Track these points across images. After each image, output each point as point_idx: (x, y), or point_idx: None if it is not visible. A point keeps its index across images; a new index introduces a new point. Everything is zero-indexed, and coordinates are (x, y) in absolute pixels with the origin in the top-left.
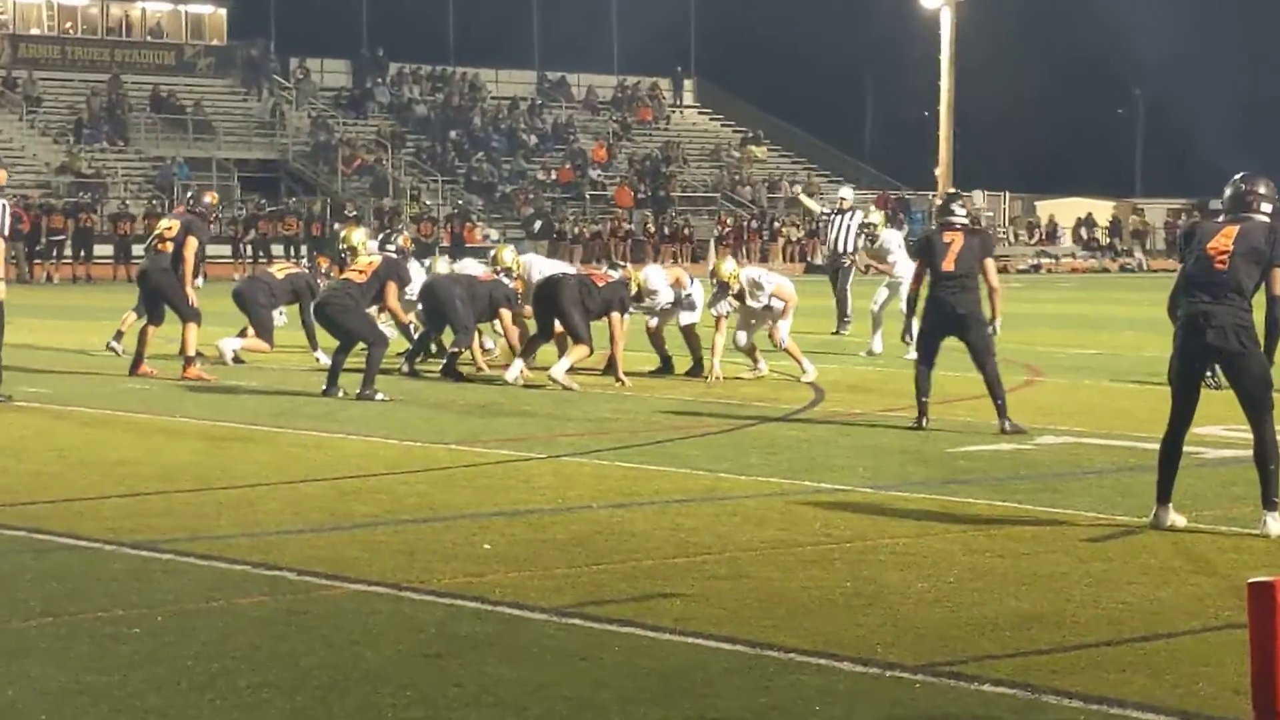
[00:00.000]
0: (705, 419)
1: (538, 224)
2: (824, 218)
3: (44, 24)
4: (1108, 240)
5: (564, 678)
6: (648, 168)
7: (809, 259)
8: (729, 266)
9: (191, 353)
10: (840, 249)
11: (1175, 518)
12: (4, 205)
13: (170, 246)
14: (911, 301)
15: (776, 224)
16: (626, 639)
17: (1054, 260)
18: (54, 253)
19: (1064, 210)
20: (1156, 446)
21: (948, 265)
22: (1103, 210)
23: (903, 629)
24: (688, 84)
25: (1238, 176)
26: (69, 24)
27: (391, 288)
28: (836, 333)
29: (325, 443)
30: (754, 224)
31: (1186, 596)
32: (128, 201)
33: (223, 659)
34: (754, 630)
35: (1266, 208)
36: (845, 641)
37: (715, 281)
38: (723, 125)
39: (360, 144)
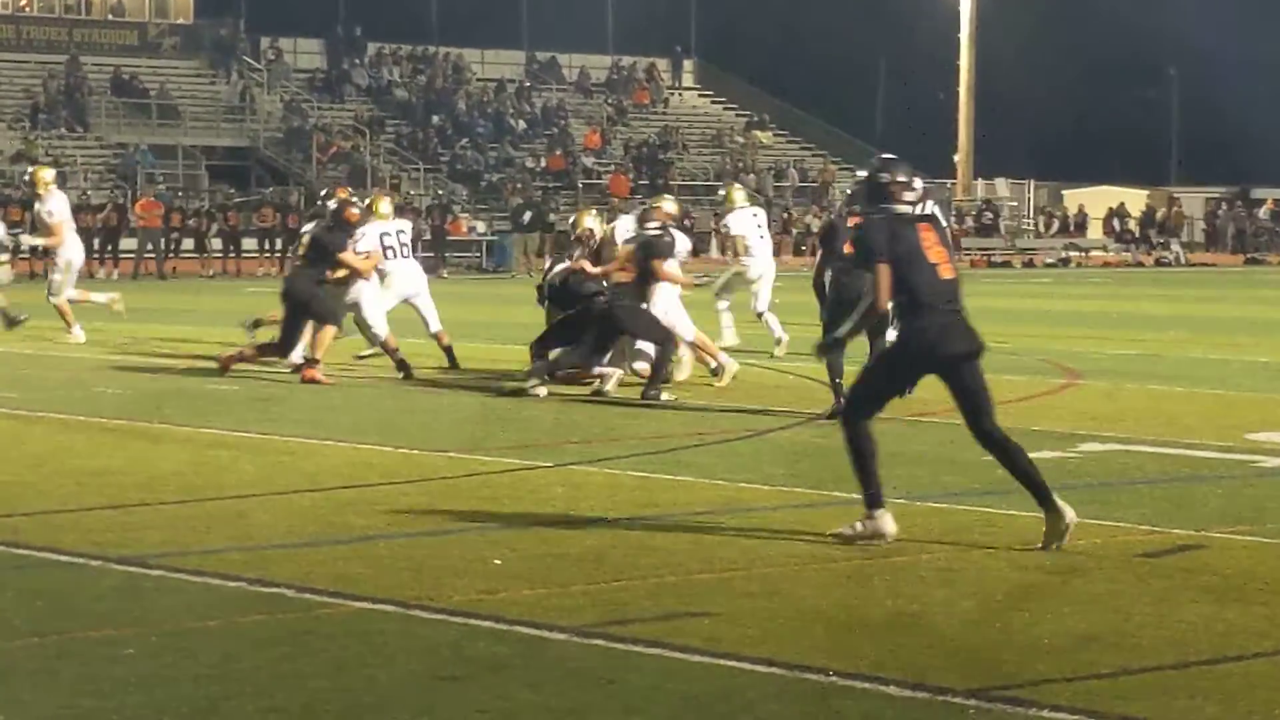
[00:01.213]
0: (721, 425)
1: (527, 215)
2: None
3: None
4: (1141, 232)
5: (592, 702)
6: (644, 154)
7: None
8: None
9: (318, 355)
10: None
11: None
12: None
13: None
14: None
15: (786, 214)
16: (654, 661)
17: (1083, 253)
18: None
19: (1093, 199)
20: (1210, 455)
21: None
22: (1135, 199)
23: (951, 651)
24: (687, 64)
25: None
26: (25, 2)
27: None
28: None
29: (315, 450)
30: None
31: (1256, 616)
32: (89, 192)
33: (225, 682)
34: (791, 652)
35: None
36: (890, 664)
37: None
38: (725, 109)
39: (336, 130)
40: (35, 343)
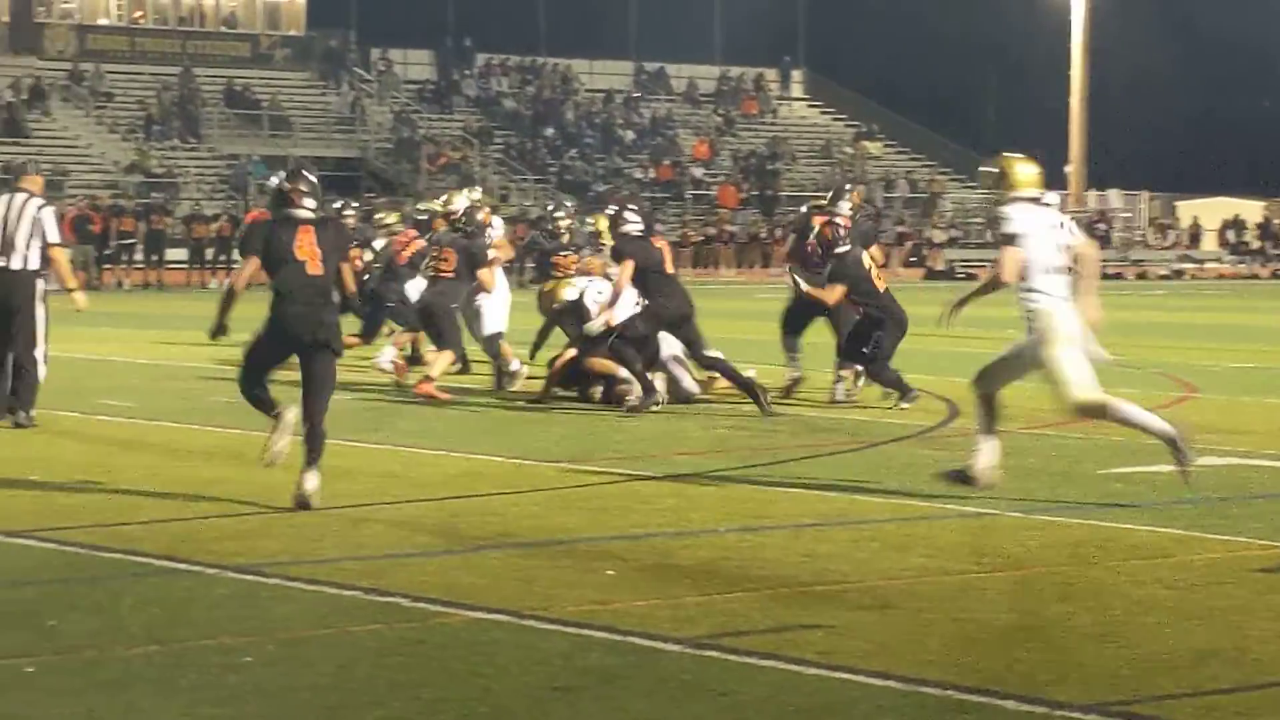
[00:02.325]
0: (833, 436)
1: None
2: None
3: (112, 14)
4: (1259, 244)
5: (705, 714)
6: (753, 165)
7: (930, 265)
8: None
9: (435, 374)
10: None
11: None
12: (51, 210)
13: (450, 272)
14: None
15: (900, 226)
16: (768, 673)
17: (1198, 265)
18: (124, 257)
19: (1208, 211)
20: None
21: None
22: (1252, 211)
23: (1068, 665)
24: (795, 75)
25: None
26: (139, 14)
27: None
28: None
29: (427, 460)
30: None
31: None
32: (201, 202)
33: (341, 691)
34: (906, 665)
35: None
36: (1007, 678)
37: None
38: (834, 119)
39: (445, 140)
40: (148, 351)
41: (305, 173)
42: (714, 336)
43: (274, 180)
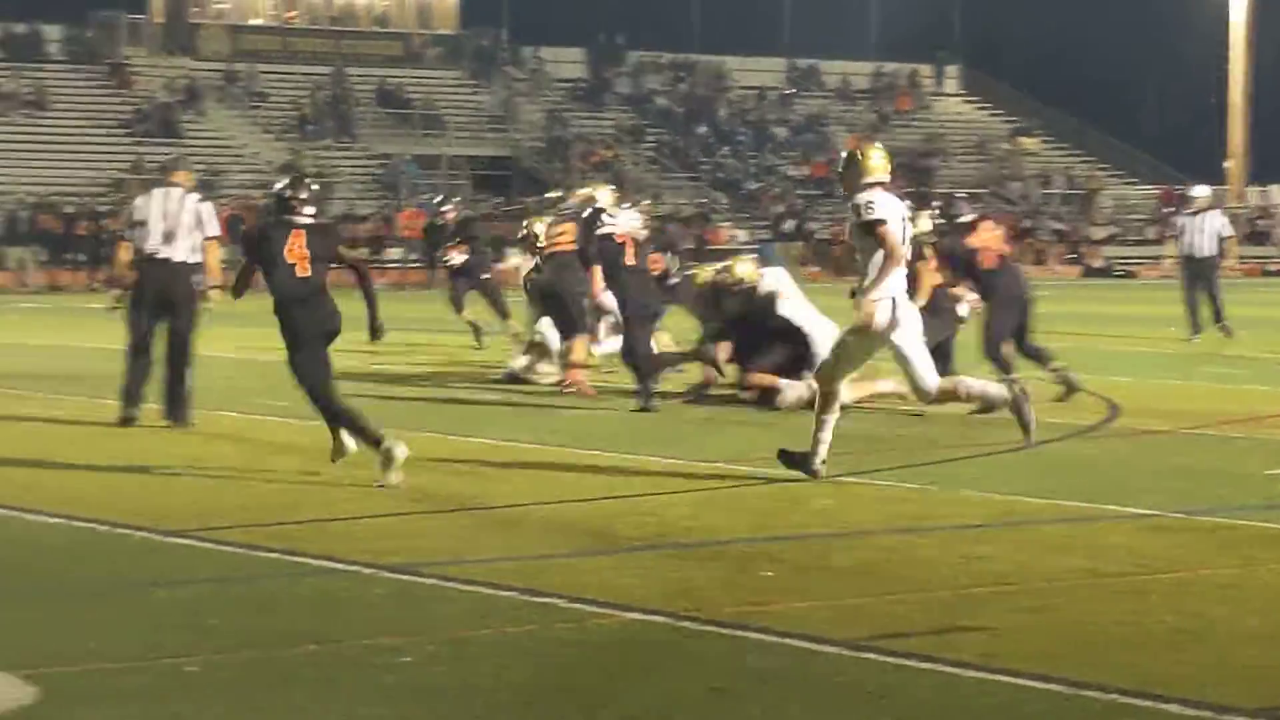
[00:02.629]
0: (991, 436)
1: (788, 224)
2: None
3: (265, 14)
4: None
5: (865, 717)
6: (907, 162)
7: (1088, 262)
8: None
9: (580, 361)
10: (1200, 252)
11: None
12: (209, 204)
13: (571, 246)
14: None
15: (1057, 223)
16: (928, 676)
17: None
18: None
19: None
20: None
21: None
22: None
23: (1234, 669)
24: (950, 70)
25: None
26: (291, 14)
27: None
28: (1190, 339)
29: (582, 459)
30: (1027, 223)
31: None
32: (354, 202)
33: (499, 692)
34: (1068, 668)
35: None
36: (1171, 681)
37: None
38: (990, 115)
39: (597, 139)
40: None
41: (306, 181)
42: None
43: (276, 186)
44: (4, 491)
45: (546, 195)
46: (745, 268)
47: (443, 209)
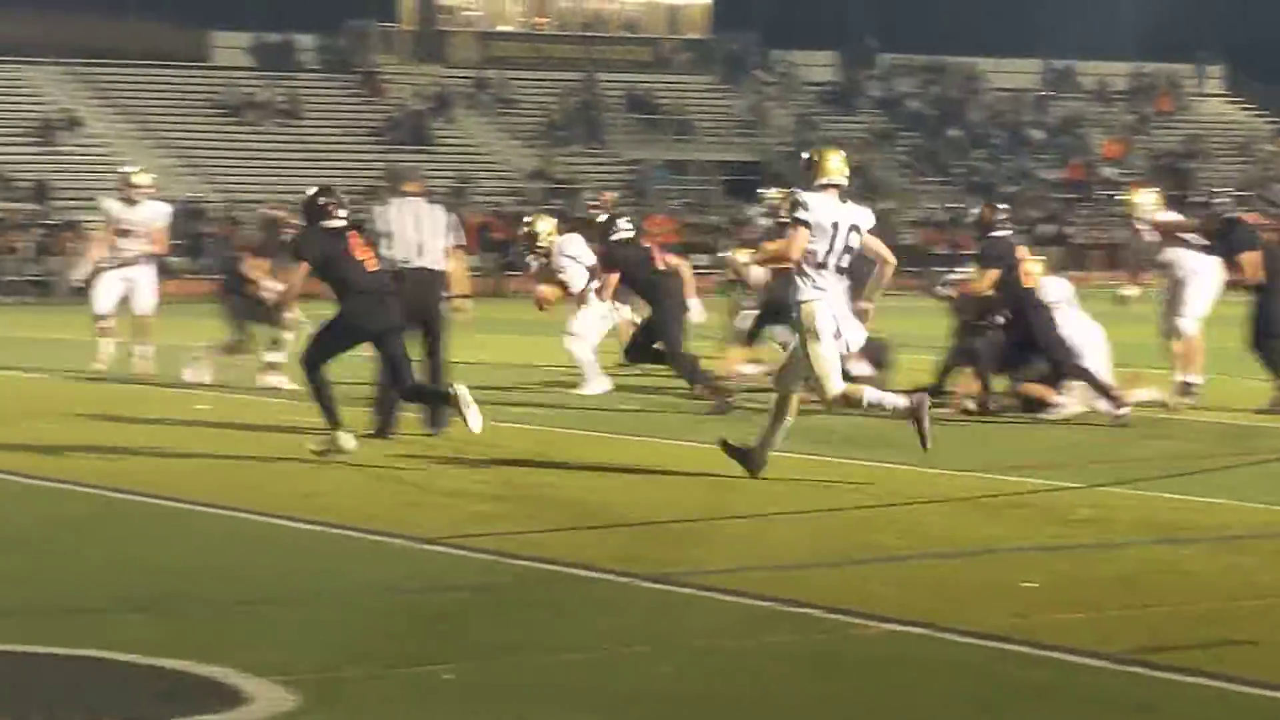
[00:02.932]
0: (1252, 444)
1: (1045, 229)
2: None
3: (515, 20)
4: None
5: None
6: (1167, 164)
7: None
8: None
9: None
10: None
11: None
12: (453, 215)
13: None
14: None
15: None
16: (1194, 690)
17: None
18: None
19: None
20: None
21: None
22: None
23: None
24: (1211, 70)
25: None
26: (541, 20)
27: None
28: None
29: (834, 467)
30: None
31: None
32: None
33: (757, 703)
34: None
35: None
36: None
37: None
38: (1254, 115)
39: (848, 143)
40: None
41: (332, 189)
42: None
43: (310, 191)
44: (279, 502)
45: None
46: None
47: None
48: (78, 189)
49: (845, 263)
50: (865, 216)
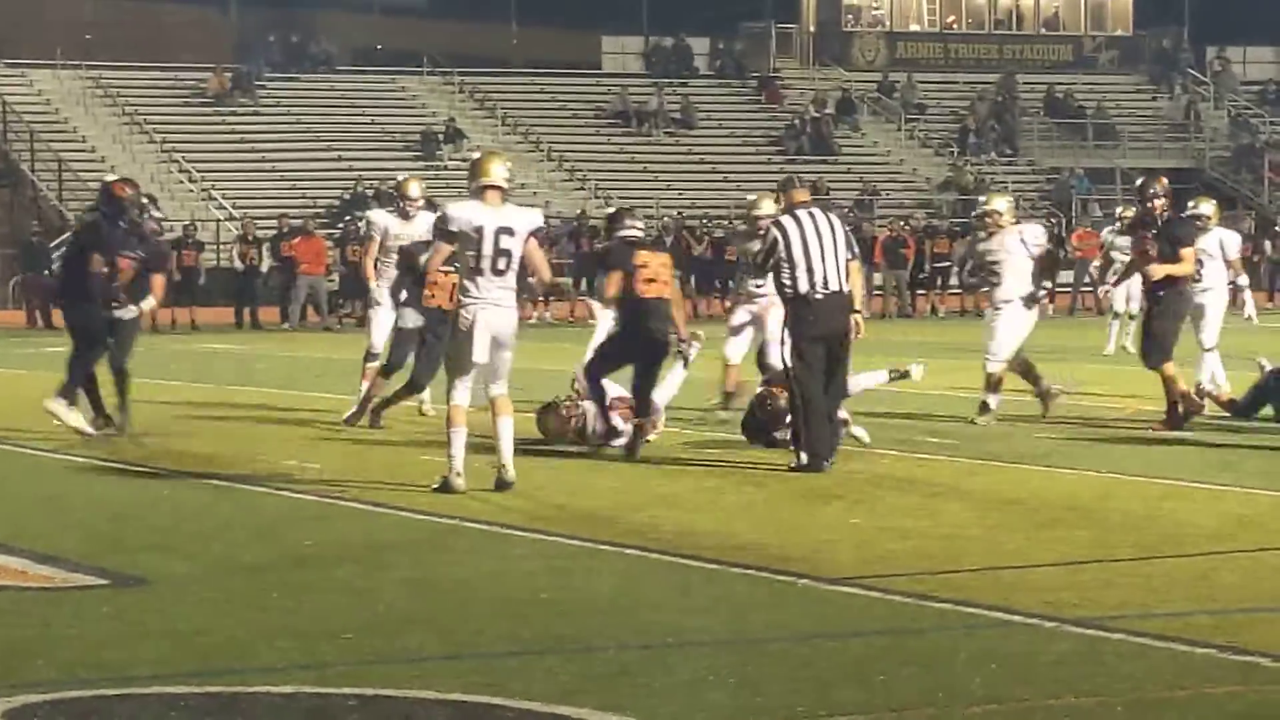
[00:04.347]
0: None
1: None
2: None
3: (924, 20)
4: None
5: None
6: None
7: None
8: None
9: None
10: None
11: None
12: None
13: None
14: None
15: None
16: None
17: None
18: (939, 281)
19: None
20: None
21: None
22: None
23: None
24: None
25: None
26: (952, 18)
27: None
28: None
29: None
30: None
31: None
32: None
33: None
34: None
35: None
36: None
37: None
38: None
39: None
40: (966, 382)
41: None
42: None
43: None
44: (659, 535)
45: None
46: None
47: None
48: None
49: (504, 266)
50: (528, 219)
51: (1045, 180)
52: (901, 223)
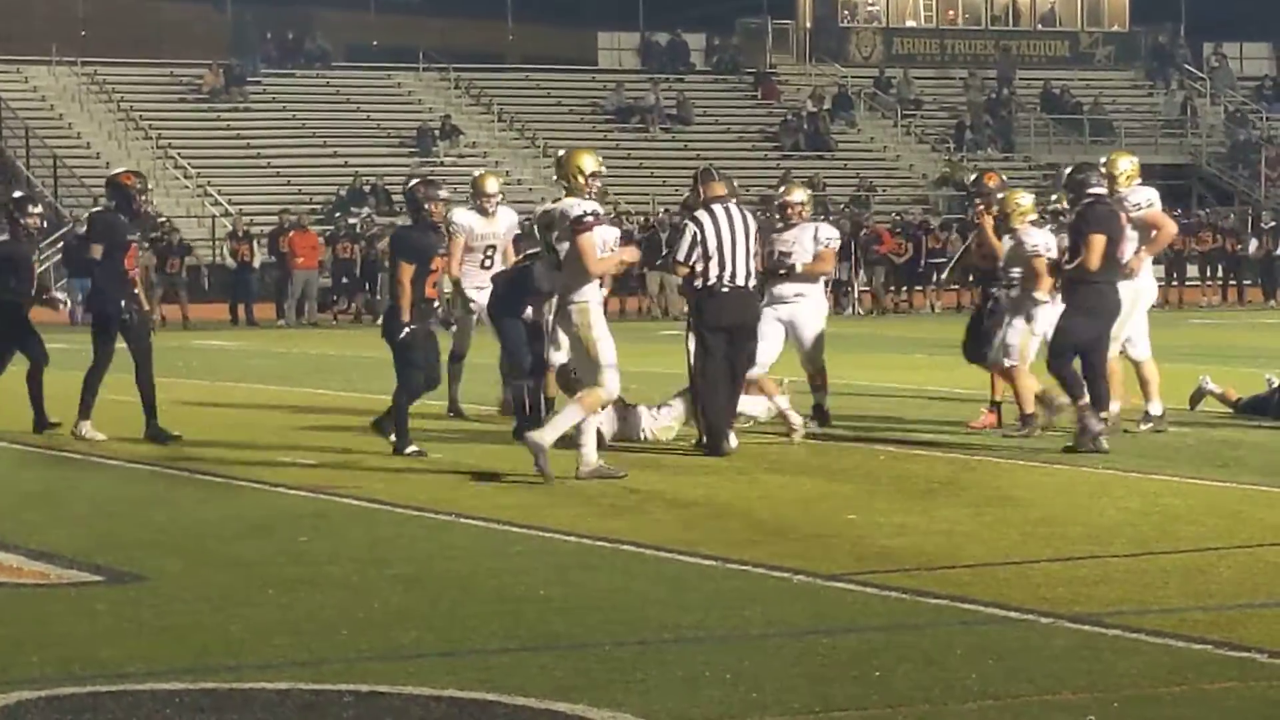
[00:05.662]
0: None
1: None
2: None
3: (920, 16)
4: None
5: None
6: None
7: None
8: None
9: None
10: None
11: None
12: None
13: None
14: None
15: None
16: None
17: None
18: (934, 278)
19: None
20: None
21: None
22: None
23: None
24: None
25: None
26: (949, 14)
27: None
28: None
29: (1277, 500)
30: None
31: None
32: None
33: None
34: None
35: None
36: None
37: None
38: None
39: None
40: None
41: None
42: None
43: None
44: (661, 534)
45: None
46: None
47: None
48: (454, 200)
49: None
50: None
51: (1041, 176)
52: (896, 218)
